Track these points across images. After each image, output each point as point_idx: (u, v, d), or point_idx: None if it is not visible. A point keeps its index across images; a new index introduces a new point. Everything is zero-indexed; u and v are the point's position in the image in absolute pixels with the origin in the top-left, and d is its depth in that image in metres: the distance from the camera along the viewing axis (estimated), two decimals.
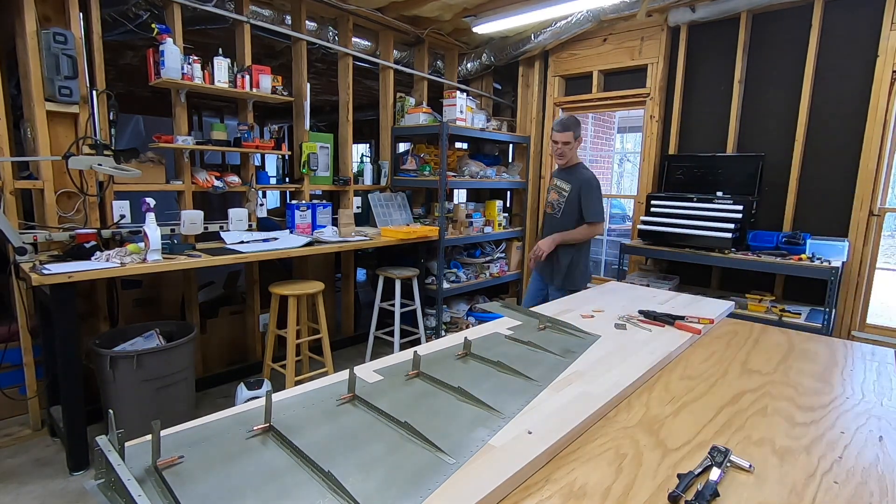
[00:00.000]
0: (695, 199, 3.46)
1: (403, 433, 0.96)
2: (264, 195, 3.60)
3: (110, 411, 0.89)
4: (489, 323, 1.74)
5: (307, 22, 3.58)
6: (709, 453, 0.92)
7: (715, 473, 0.86)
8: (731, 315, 2.02)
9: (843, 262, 3.03)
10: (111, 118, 2.72)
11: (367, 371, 1.26)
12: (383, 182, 4.26)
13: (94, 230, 2.63)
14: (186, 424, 0.95)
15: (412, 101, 4.30)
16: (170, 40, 2.75)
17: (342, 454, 0.89)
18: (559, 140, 2.83)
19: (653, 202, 3.67)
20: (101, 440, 0.84)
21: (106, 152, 2.50)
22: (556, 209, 2.93)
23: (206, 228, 3.11)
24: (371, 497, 0.77)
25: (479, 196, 5.04)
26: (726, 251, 3.27)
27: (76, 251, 2.45)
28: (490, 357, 1.36)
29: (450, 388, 1.15)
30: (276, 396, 1.07)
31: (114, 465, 0.79)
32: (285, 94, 3.32)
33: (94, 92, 2.64)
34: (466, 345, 1.40)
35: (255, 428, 0.95)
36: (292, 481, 0.81)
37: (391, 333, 3.72)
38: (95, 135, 2.65)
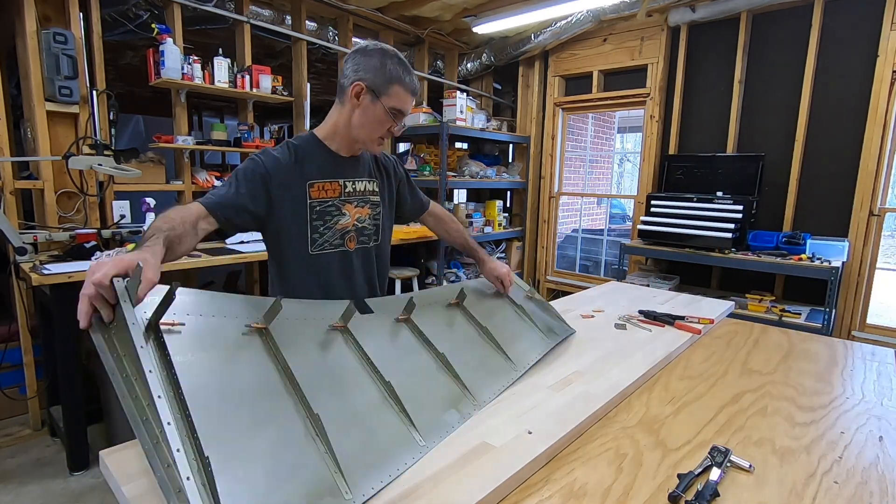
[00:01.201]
0: (695, 199, 3.46)
1: (384, 393, 0.97)
2: None
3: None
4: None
5: (307, 22, 3.58)
6: (709, 453, 0.92)
7: (715, 473, 0.86)
8: (731, 315, 2.02)
9: (843, 262, 3.03)
10: (111, 118, 2.72)
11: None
12: None
13: (95, 230, 2.63)
14: (195, 291, 0.93)
15: None
16: (170, 40, 2.75)
17: (326, 394, 0.89)
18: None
19: (653, 202, 3.67)
20: (118, 283, 0.76)
21: (106, 152, 2.50)
22: (365, 232, 1.42)
23: None
24: (347, 458, 0.78)
25: (479, 196, 5.04)
26: (726, 251, 3.27)
27: (76, 251, 2.45)
28: (480, 311, 1.37)
29: (434, 351, 1.16)
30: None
31: (122, 303, 0.74)
32: (285, 94, 3.32)
33: (94, 92, 2.64)
34: (461, 296, 1.41)
35: (252, 325, 0.93)
36: (278, 405, 0.82)
37: None
38: (95, 135, 2.65)
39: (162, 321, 0.79)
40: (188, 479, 0.63)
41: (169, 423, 0.67)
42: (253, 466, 0.72)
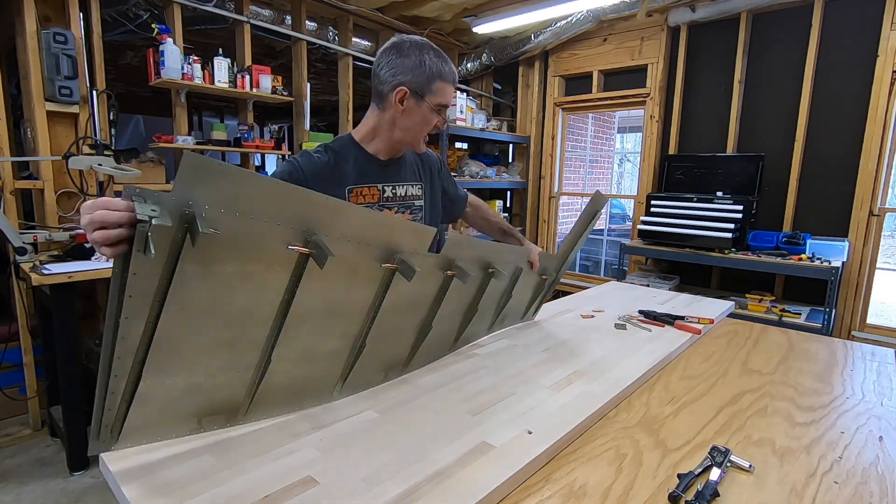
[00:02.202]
0: (695, 199, 3.46)
1: (359, 337, 1.01)
2: None
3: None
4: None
5: (307, 22, 3.58)
6: (709, 453, 0.92)
7: (715, 473, 0.86)
8: (731, 315, 2.02)
9: (843, 262, 3.03)
10: (111, 118, 2.72)
11: None
12: None
13: None
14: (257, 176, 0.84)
15: None
16: (170, 40, 2.75)
17: (305, 330, 0.93)
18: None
19: (653, 202, 3.68)
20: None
21: (106, 152, 2.50)
22: None
23: None
24: (265, 391, 0.89)
25: (479, 196, 5.03)
26: (726, 251, 3.27)
27: (76, 251, 2.45)
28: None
29: (431, 314, 1.19)
30: None
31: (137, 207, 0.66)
32: (285, 94, 3.32)
33: (94, 92, 2.64)
34: (513, 269, 1.43)
35: (297, 248, 0.82)
36: (250, 334, 0.85)
37: None
38: (95, 135, 2.65)
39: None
40: (115, 376, 0.70)
41: (127, 318, 0.68)
42: (177, 380, 0.77)
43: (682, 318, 1.76)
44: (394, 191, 1.32)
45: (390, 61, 1.18)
